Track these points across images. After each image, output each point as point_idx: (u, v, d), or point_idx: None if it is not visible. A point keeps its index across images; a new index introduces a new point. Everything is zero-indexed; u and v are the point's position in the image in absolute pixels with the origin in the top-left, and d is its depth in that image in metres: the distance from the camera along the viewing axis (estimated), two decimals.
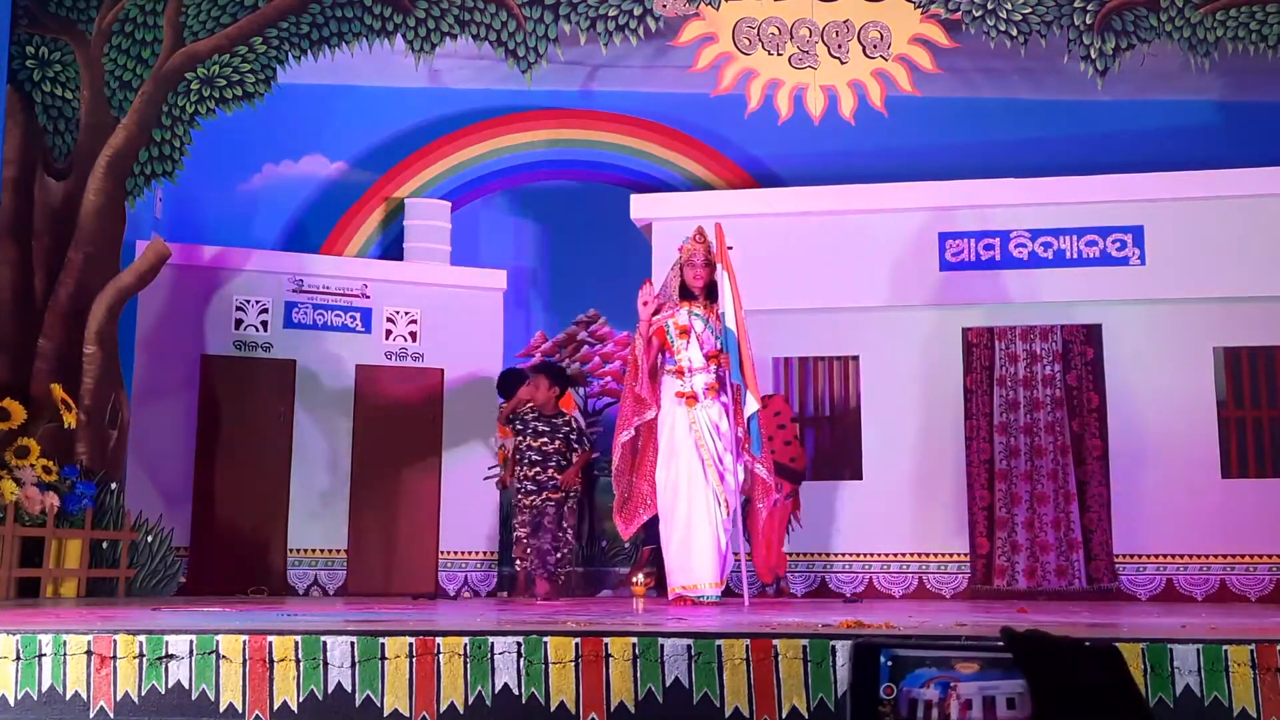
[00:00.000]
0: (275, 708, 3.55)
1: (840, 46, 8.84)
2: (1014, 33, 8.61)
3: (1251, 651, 3.61)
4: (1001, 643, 1.04)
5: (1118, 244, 8.81)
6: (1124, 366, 8.94)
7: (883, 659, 1.03)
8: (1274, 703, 3.56)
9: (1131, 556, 8.79)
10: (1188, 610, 7.09)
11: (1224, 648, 3.62)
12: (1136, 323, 8.90)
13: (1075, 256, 8.85)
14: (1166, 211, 8.74)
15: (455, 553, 9.00)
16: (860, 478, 9.12)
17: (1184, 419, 8.69)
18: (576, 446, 8.08)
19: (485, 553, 9.07)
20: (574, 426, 8.18)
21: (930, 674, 1.02)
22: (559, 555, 7.95)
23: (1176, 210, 8.72)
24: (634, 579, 8.37)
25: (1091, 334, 9.09)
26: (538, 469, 7.94)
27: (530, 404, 8.04)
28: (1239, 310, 8.75)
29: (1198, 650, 3.62)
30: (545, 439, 7.98)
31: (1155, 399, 8.75)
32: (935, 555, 8.95)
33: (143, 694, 3.58)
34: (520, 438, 8.02)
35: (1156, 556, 8.73)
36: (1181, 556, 8.71)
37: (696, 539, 6.73)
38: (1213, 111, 9.71)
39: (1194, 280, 8.67)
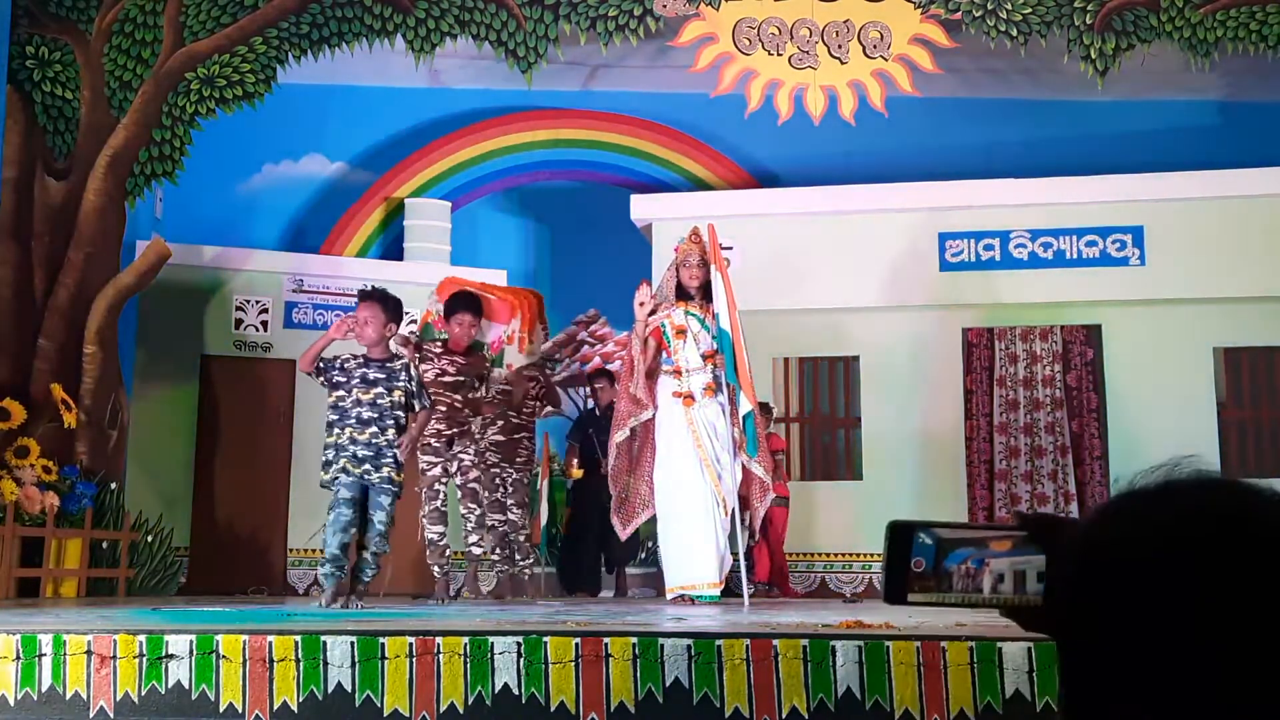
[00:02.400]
0: (275, 708, 3.55)
1: (840, 47, 8.85)
2: (1014, 33, 8.61)
3: None
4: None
5: (1117, 244, 8.81)
6: (1124, 367, 8.94)
7: (922, 538, 1.12)
8: None
9: None
10: None
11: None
12: (1136, 323, 8.90)
13: (1075, 257, 8.85)
14: (1166, 212, 8.74)
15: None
16: (860, 478, 9.12)
17: (1183, 419, 8.69)
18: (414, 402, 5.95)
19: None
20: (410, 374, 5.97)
21: (968, 552, 1.11)
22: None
23: (1176, 210, 8.72)
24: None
25: (1091, 334, 9.09)
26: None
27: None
28: (1239, 311, 8.75)
29: None
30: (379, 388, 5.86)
31: (1155, 399, 8.75)
32: None
33: (143, 694, 3.58)
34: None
35: None
36: None
37: (695, 539, 6.73)
38: (1213, 111, 9.71)
39: (1194, 281, 8.67)
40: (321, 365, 5.83)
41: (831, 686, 3.64)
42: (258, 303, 9.46)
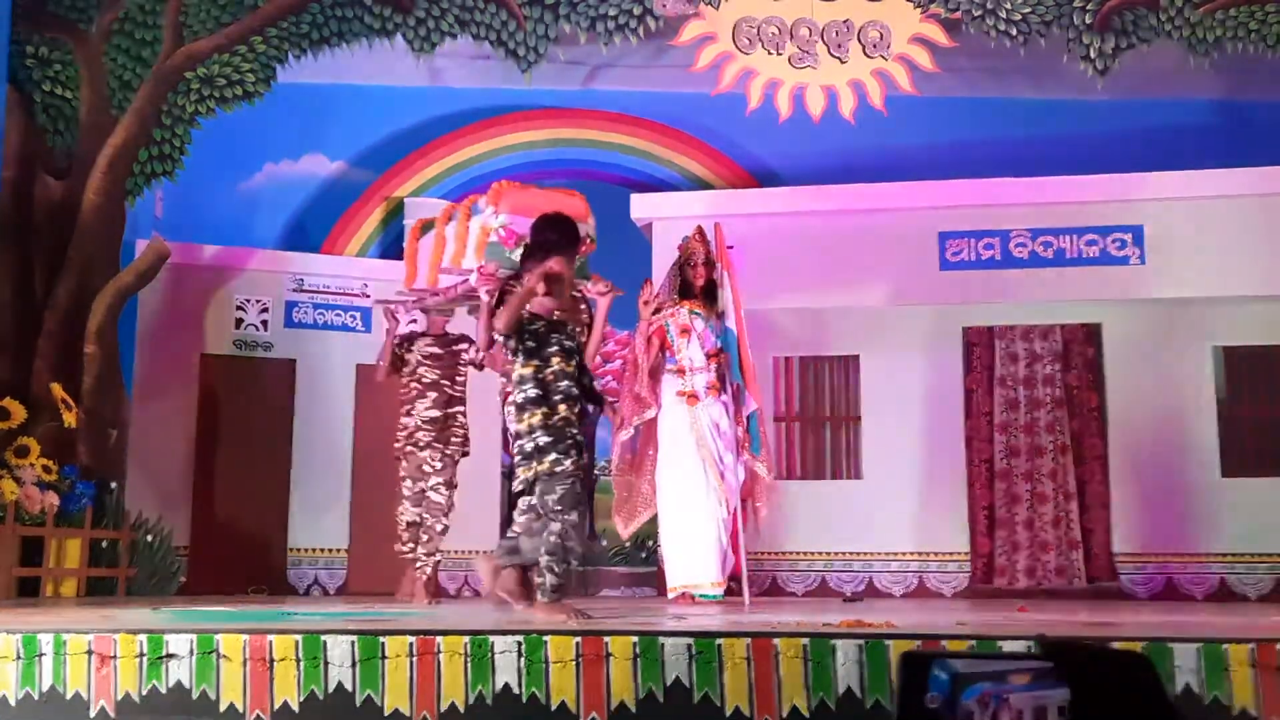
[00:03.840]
0: (276, 707, 3.55)
1: (840, 46, 8.85)
2: (1014, 32, 8.61)
3: (1252, 650, 3.61)
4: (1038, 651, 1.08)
5: (1117, 243, 8.80)
6: (1124, 366, 8.94)
7: (938, 673, 1.06)
8: (1274, 702, 3.57)
9: (1131, 555, 8.79)
10: (1188, 609, 7.09)
11: (1224, 647, 3.63)
12: (1136, 322, 8.89)
13: (1075, 256, 8.84)
14: (1166, 211, 8.73)
15: (458, 552, 8.98)
16: (860, 477, 9.12)
17: (1183, 418, 8.70)
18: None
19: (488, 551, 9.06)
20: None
21: (985, 686, 1.06)
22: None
23: (1176, 210, 8.71)
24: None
25: (1091, 333, 9.09)
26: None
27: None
28: (1239, 310, 8.75)
29: (1198, 649, 3.63)
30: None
31: (1155, 398, 8.75)
32: (935, 554, 8.95)
33: (143, 693, 3.58)
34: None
35: (1156, 555, 8.73)
36: (1181, 555, 8.71)
37: (697, 537, 6.74)
38: (1213, 111, 9.69)
39: (1194, 280, 8.66)
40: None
41: (832, 685, 3.64)
42: (258, 302, 9.45)
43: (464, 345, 7.19)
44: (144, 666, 3.57)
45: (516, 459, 4.95)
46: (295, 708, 3.55)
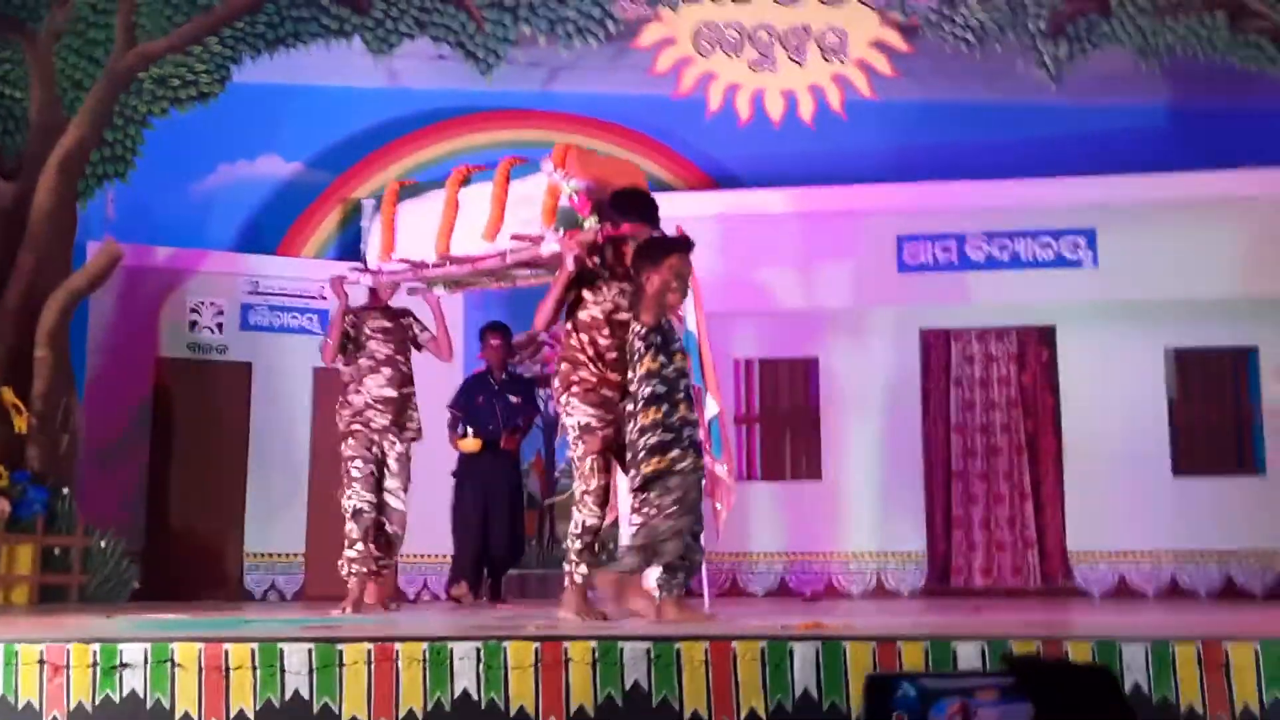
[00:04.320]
0: (231, 716, 3.53)
1: (799, 50, 8.88)
2: (970, 38, 8.67)
3: (1198, 649, 3.66)
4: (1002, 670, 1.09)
5: (1071, 246, 8.91)
6: (1077, 367, 9.04)
7: (905, 689, 1.08)
8: (1220, 700, 3.62)
9: (1085, 554, 8.89)
10: (1140, 607, 7.18)
11: (1171, 645, 3.67)
12: (1090, 324, 9.00)
13: (1030, 259, 8.94)
14: (1118, 214, 8.84)
15: (418, 556, 8.95)
16: (819, 478, 9.17)
17: (1136, 418, 8.81)
18: None
19: (442, 556, 8.99)
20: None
21: (953, 702, 1.07)
22: None
23: (1128, 213, 8.82)
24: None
25: (1046, 335, 9.19)
26: None
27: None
28: (1190, 312, 8.87)
29: (1146, 648, 3.68)
30: None
31: (1108, 399, 8.85)
32: (893, 554, 9.01)
33: (96, 703, 3.54)
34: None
35: (1109, 554, 8.84)
36: (1133, 554, 8.82)
37: None
38: (1163, 115, 9.83)
39: (1146, 282, 8.78)
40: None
41: (789, 688, 3.66)
42: (213, 304, 9.37)
43: (409, 320, 6.87)
44: (97, 676, 3.54)
45: (640, 456, 4.94)
46: (251, 716, 3.52)
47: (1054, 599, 8.56)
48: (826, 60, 8.85)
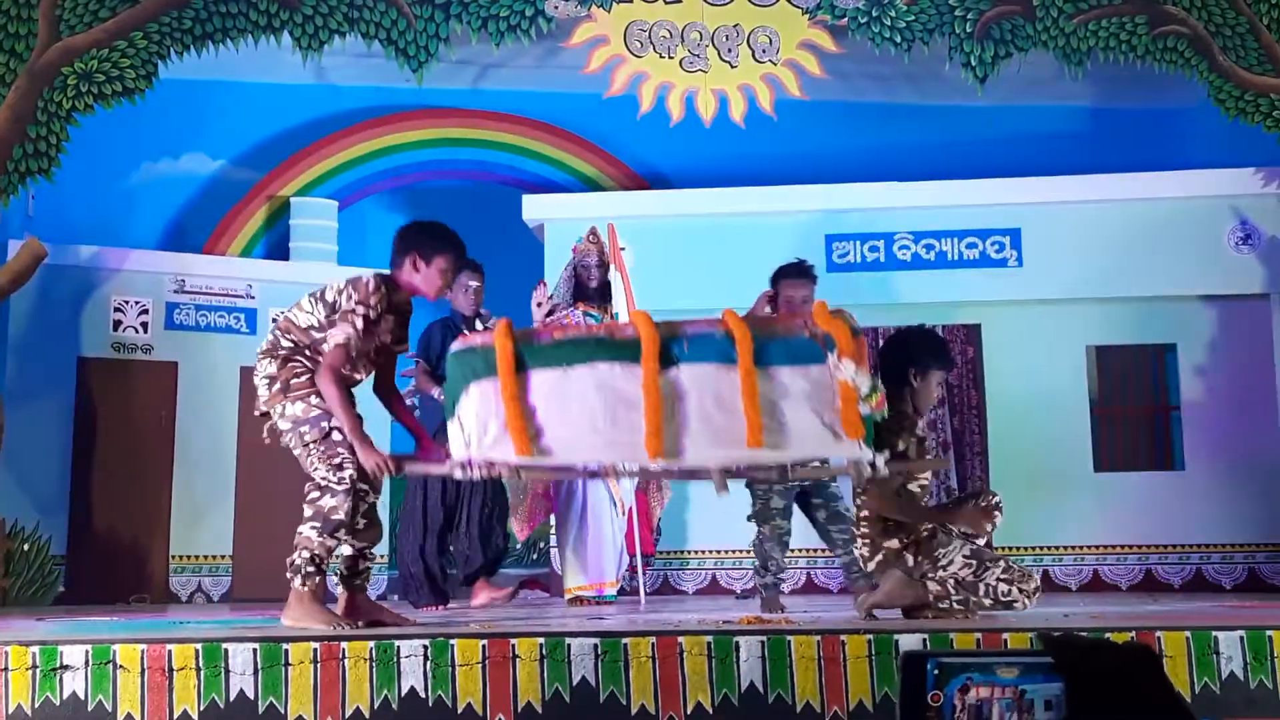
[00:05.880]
0: (175, 717, 3.49)
1: (730, 50, 8.94)
2: (898, 39, 8.80)
3: (1132, 638, 3.78)
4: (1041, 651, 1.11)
5: (996, 246, 9.08)
6: (1002, 365, 9.20)
7: (929, 666, 1.09)
8: None
9: (1010, 549, 9.04)
10: (1065, 600, 7.34)
11: (1106, 635, 3.79)
12: (1014, 323, 9.17)
13: (956, 258, 9.10)
14: (1042, 215, 9.03)
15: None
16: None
17: (1059, 415, 8.99)
18: None
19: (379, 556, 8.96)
20: None
21: (973, 678, 1.09)
22: None
23: (1051, 213, 9.02)
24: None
25: (972, 334, 9.34)
26: None
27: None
28: (1110, 310, 9.08)
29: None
30: None
31: (1032, 397, 9.02)
32: (823, 550, 9.09)
33: (36, 706, 3.49)
34: None
35: (1033, 549, 8.99)
36: (1057, 548, 9.00)
37: (593, 539, 6.77)
38: (1086, 118, 10.05)
39: (1068, 281, 8.97)
40: None
41: (735, 681, 3.71)
42: (137, 304, 9.22)
43: None
44: (37, 678, 3.48)
45: None
46: (195, 717, 3.49)
47: None
48: (758, 60, 8.92)
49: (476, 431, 4.21)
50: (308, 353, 4.66)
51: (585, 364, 4.27)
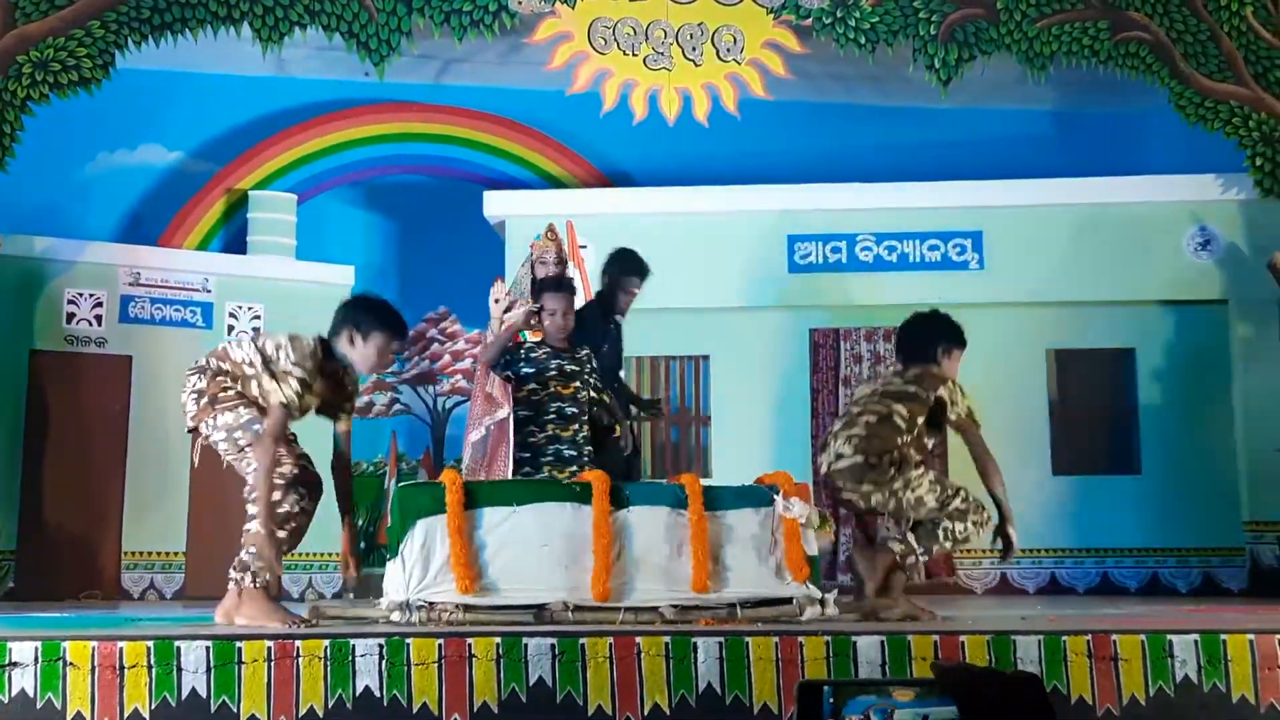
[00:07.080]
0: (126, 715, 3.43)
1: (694, 49, 8.93)
2: (862, 40, 8.81)
3: (1088, 642, 3.79)
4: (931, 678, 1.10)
5: (958, 248, 9.11)
6: (963, 367, 9.20)
7: (825, 693, 1.08)
8: (1108, 690, 3.75)
9: (968, 552, 9.07)
10: (1022, 603, 7.37)
11: (1063, 638, 3.80)
12: (975, 325, 9.09)
13: (918, 260, 9.13)
14: (1003, 217, 9.08)
15: (310, 554, 8.78)
16: (709, 476, 9.21)
17: (1019, 418, 9.02)
18: None
19: (332, 554, 8.87)
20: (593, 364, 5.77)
21: (870, 701, 1.07)
22: None
23: (1013, 217, 9.07)
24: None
25: None
26: None
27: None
28: (1070, 314, 9.14)
29: (1039, 641, 3.79)
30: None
31: (992, 399, 9.00)
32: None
33: None
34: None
35: (991, 551, 9.00)
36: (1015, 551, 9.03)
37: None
38: (1048, 121, 10.12)
39: (1029, 284, 9.02)
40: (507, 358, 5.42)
41: (693, 682, 3.68)
42: (91, 296, 9.09)
43: None
44: None
45: None
46: (146, 715, 3.43)
47: (938, 595, 8.73)
48: (722, 59, 8.91)
49: (419, 569, 4.22)
50: (236, 378, 4.57)
51: (533, 504, 4.37)
